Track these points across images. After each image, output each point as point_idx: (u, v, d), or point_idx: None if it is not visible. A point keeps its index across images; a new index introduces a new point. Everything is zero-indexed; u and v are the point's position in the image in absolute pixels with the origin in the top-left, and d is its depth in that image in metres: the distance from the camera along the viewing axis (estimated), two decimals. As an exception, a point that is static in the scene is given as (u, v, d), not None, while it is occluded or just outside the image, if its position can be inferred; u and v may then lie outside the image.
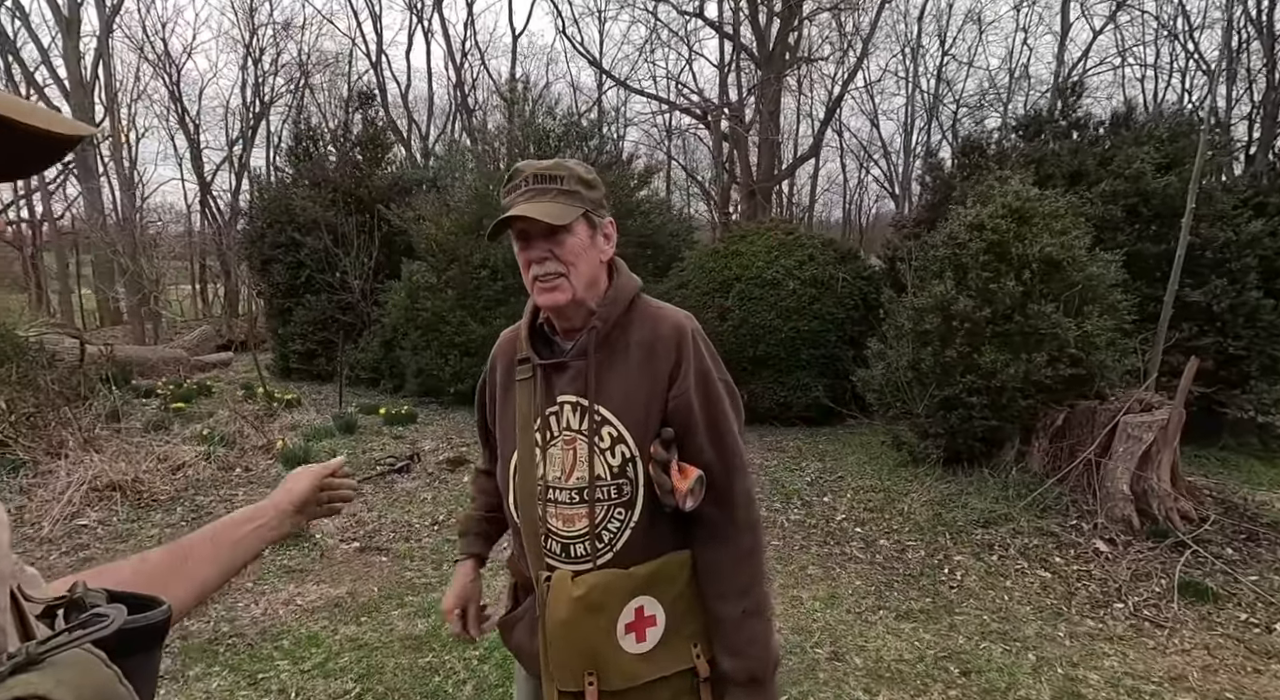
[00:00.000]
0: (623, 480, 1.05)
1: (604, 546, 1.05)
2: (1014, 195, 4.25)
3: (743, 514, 1.07)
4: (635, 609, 1.05)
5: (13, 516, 4.07)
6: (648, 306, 1.13)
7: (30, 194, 19.02)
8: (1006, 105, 17.36)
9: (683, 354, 1.07)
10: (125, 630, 0.45)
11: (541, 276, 1.04)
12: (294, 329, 9.49)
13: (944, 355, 4.33)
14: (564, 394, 1.08)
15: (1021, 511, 3.92)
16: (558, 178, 1.03)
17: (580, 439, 1.06)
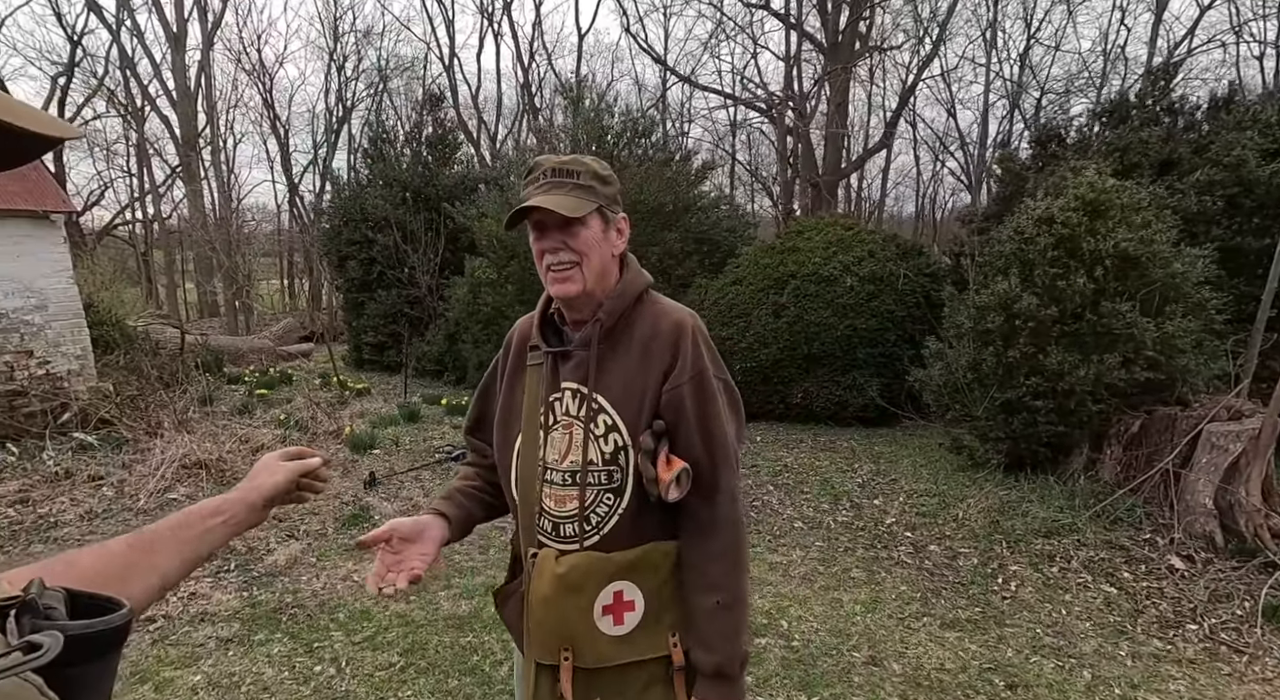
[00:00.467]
0: (614, 467, 1.08)
1: (591, 529, 1.09)
2: (1088, 187, 3.98)
3: (724, 510, 1.09)
4: (614, 593, 1.08)
5: (114, 489, 4.51)
6: (654, 303, 1.16)
7: (144, 196, 20.85)
8: (1100, 90, 16.18)
9: (680, 350, 1.10)
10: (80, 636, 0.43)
11: (555, 266, 1.08)
12: (366, 322, 10.02)
13: (1006, 356, 4.11)
14: (567, 381, 1.12)
15: (1088, 522, 3.69)
16: (575, 172, 1.07)
17: (577, 424, 1.10)
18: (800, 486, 4.72)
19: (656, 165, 8.22)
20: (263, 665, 2.63)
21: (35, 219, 5.64)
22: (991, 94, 16.99)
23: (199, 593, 3.24)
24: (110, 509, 4.24)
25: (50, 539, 3.82)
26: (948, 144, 21.11)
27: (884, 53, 16.95)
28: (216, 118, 19.64)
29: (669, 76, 18.20)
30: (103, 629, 0.45)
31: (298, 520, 4.12)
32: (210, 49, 18.20)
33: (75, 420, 5.57)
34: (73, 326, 6.01)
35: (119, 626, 0.46)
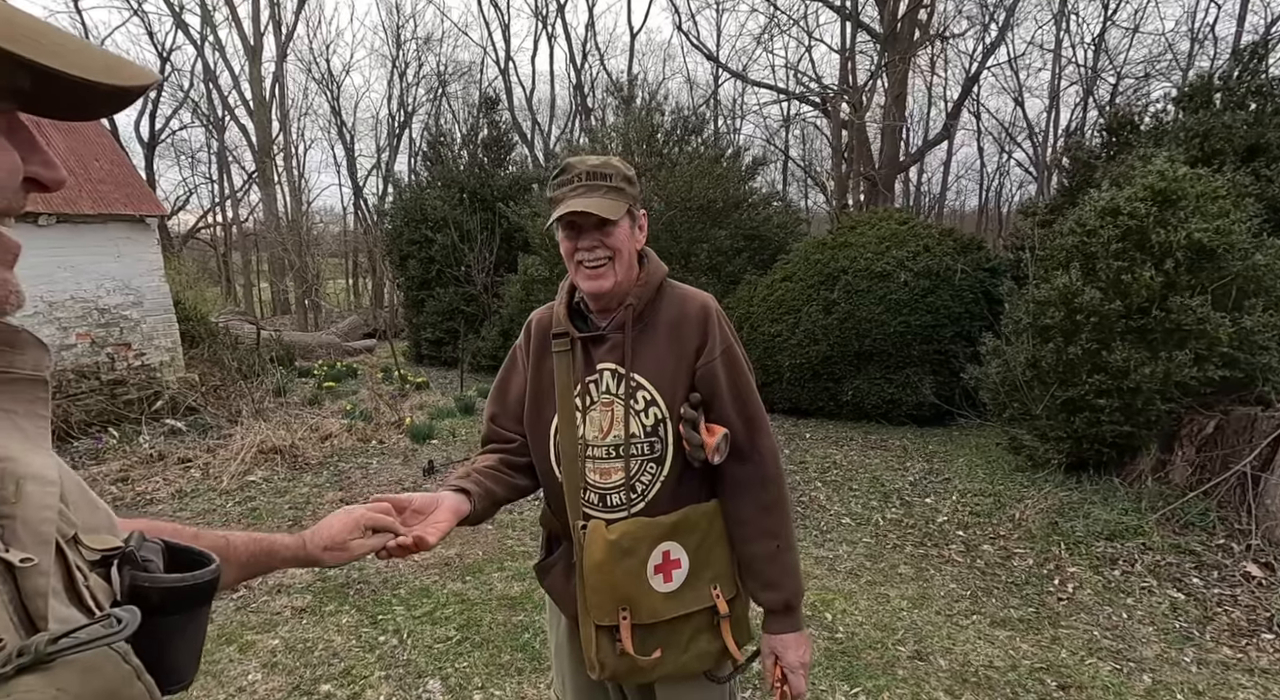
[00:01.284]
0: (654, 438, 1.19)
1: (637, 497, 1.20)
2: (1158, 176, 3.80)
3: (768, 468, 1.20)
4: (663, 553, 1.18)
5: (200, 471, 4.89)
6: (675, 289, 1.27)
7: (223, 201, 22.24)
8: (1185, 73, 15.16)
9: (708, 329, 1.21)
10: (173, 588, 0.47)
11: (590, 262, 1.17)
12: (426, 319, 10.42)
13: (1067, 352, 3.97)
14: (603, 363, 1.21)
15: (1156, 526, 3.53)
16: (607, 175, 1.16)
17: (618, 402, 1.20)
18: (849, 484, 4.68)
19: (706, 162, 8.23)
20: (333, 633, 2.83)
21: (133, 223, 6.16)
22: (1063, 81, 16.19)
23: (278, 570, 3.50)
24: (198, 489, 4.61)
25: (147, 513, 4.19)
26: (1014, 134, 20.21)
27: (945, 41, 16.38)
28: (289, 125, 20.74)
29: (721, 73, 18.12)
30: (194, 583, 0.48)
31: (362, 504, 4.37)
32: (283, 60, 19.22)
33: (167, 407, 6.06)
34: (164, 321, 6.52)
35: (208, 581, 0.49)
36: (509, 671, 2.55)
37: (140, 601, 0.45)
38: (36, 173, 0.41)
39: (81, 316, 5.83)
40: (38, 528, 0.39)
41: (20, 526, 0.38)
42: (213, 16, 18.39)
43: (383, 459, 5.32)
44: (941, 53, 17.69)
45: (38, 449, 0.42)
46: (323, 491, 4.59)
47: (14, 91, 0.39)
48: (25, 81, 0.39)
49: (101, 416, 5.63)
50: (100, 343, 5.96)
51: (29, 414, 0.43)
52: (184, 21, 18.20)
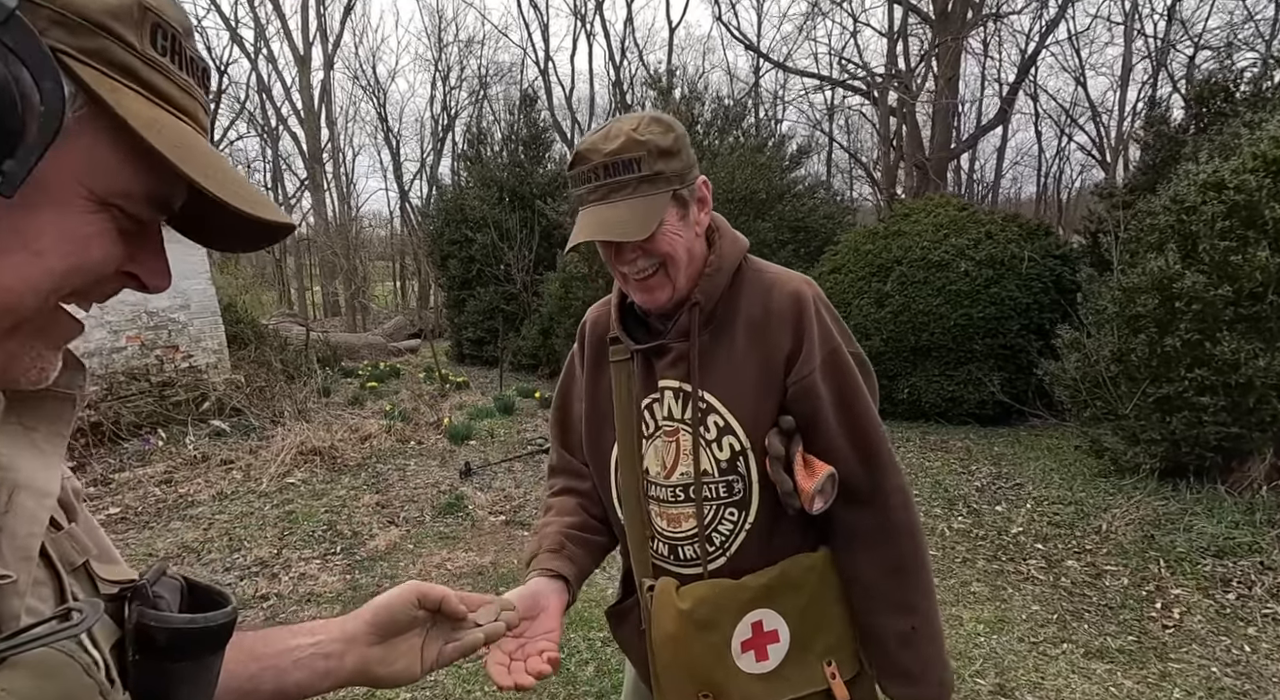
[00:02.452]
0: (732, 476, 0.91)
1: (715, 550, 0.94)
2: (1271, 142, 3.34)
3: (895, 515, 0.91)
4: (752, 624, 0.92)
5: (241, 472, 4.89)
6: (758, 273, 0.96)
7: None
8: (1270, 41, 13.94)
9: (804, 329, 0.90)
10: (182, 630, 0.42)
11: (637, 274, 0.90)
12: (467, 318, 10.42)
13: (1162, 344, 3.54)
14: (665, 379, 0.95)
15: (1275, 542, 3.09)
16: (633, 161, 0.84)
17: (683, 430, 0.93)
18: (909, 489, 4.33)
19: (748, 152, 7.93)
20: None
21: (179, 227, 6.25)
22: (1132, 55, 15.14)
23: (308, 573, 3.41)
24: (238, 491, 4.59)
25: (187, 516, 4.18)
26: (1075, 116, 19.09)
27: (1000, 20, 15.53)
28: (337, 132, 21.27)
29: (762, 64, 17.67)
30: (204, 626, 0.44)
31: (398, 507, 4.27)
32: (331, 69, 19.70)
33: (213, 408, 6.13)
34: (210, 323, 6.62)
35: (221, 625, 0.45)
36: (541, 696, 2.35)
37: (145, 643, 0.42)
38: (140, 272, 0.41)
39: (131, 319, 5.94)
40: (23, 542, 0.36)
41: (5, 541, 0.36)
42: (265, 29, 19.00)
43: (420, 460, 5.23)
44: (996, 33, 16.82)
45: (47, 466, 0.40)
46: (359, 494, 4.51)
47: (164, 204, 0.40)
48: (179, 198, 0.41)
49: (151, 418, 5.73)
50: (149, 345, 6.07)
51: (50, 433, 0.41)
52: (239, 36, 18.85)
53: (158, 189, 0.38)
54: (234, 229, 0.41)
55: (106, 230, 0.37)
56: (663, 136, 0.86)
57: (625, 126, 0.86)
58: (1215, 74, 5.54)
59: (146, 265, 0.41)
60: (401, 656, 0.64)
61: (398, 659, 0.64)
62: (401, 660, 0.64)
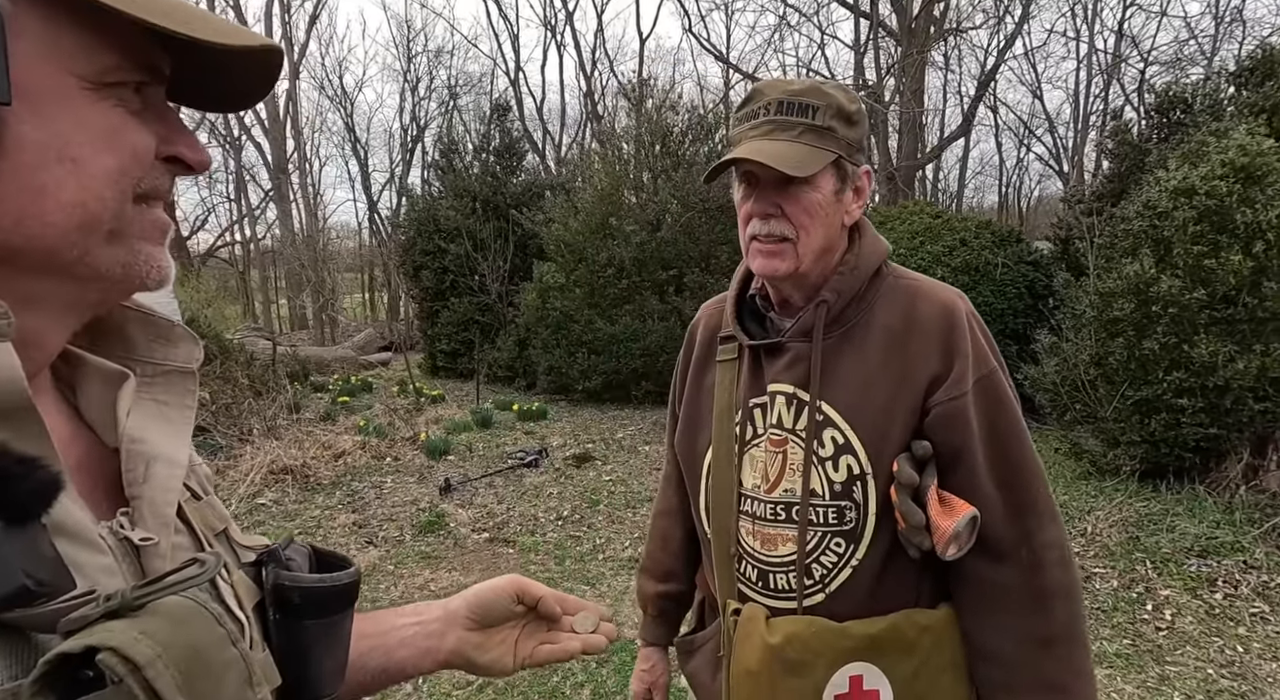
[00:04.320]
0: (845, 502, 0.81)
1: (814, 584, 0.83)
2: (1238, 150, 3.43)
3: (1052, 575, 0.78)
4: (851, 678, 0.81)
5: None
6: (900, 279, 0.88)
7: (241, 220, 22.40)
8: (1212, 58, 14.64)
9: (954, 345, 0.80)
10: (312, 588, 0.44)
11: (764, 236, 0.82)
12: (440, 330, 10.22)
13: (1140, 347, 3.60)
14: (777, 383, 0.85)
15: (1257, 541, 3.15)
16: (809, 107, 0.78)
17: (793, 441, 0.83)
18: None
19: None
20: (340, 679, 2.55)
21: (139, 238, 5.99)
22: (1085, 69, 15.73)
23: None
24: (203, 513, 4.37)
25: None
26: (1034, 127, 19.76)
27: (960, 35, 16.00)
28: (303, 143, 20.85)
29: (732, 75, 17.87)
30: (332, 584, 0.46)
31: (376, 526, 4.11)
32: (296, 78, 19.33)
33: (175, 428, 5.86)
34: (173, 339, 6.34)
35: (346, 584, 0.47)
36: (536, 724, 2.25)
37: (281, 602, 0.44)
38: (181, 153, 0.41)
39: (87, 335, 5.67)
40: (161, 510, 0.40)
41: (146, 507, 0.39)
42: (226, 36, 18.55)
43: (397, 477, 5.06)
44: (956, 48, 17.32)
45: (177, 436, 0.43)
46: (335, 514, 4.33)
47: (150, 68, 0.39)
48: (163, 61, 0.39)
49: (108, 438, 5.45)
50: (107, 362, 5.79)
51: (179, 406, 0.45)
52: (198, 42, 18.37)
53: (132, 51, 0.37)
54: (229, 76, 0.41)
55: (121, 114, 0.37)
56: (847, 101, 0.81)
57: (811, 80, 0.82)
58: (1173, 87, 5.74)
59: (182, 141, 0.40)
60: (496, 646, 0.63)
61: (493, 648, 0.63)
62: (496, 650, 0.63)
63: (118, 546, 0.37)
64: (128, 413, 0.41)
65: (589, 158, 11.05)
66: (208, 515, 0.45)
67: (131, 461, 0.40)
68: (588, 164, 11.15)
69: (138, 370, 0.43)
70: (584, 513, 4.23)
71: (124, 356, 0.44)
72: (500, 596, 0.64)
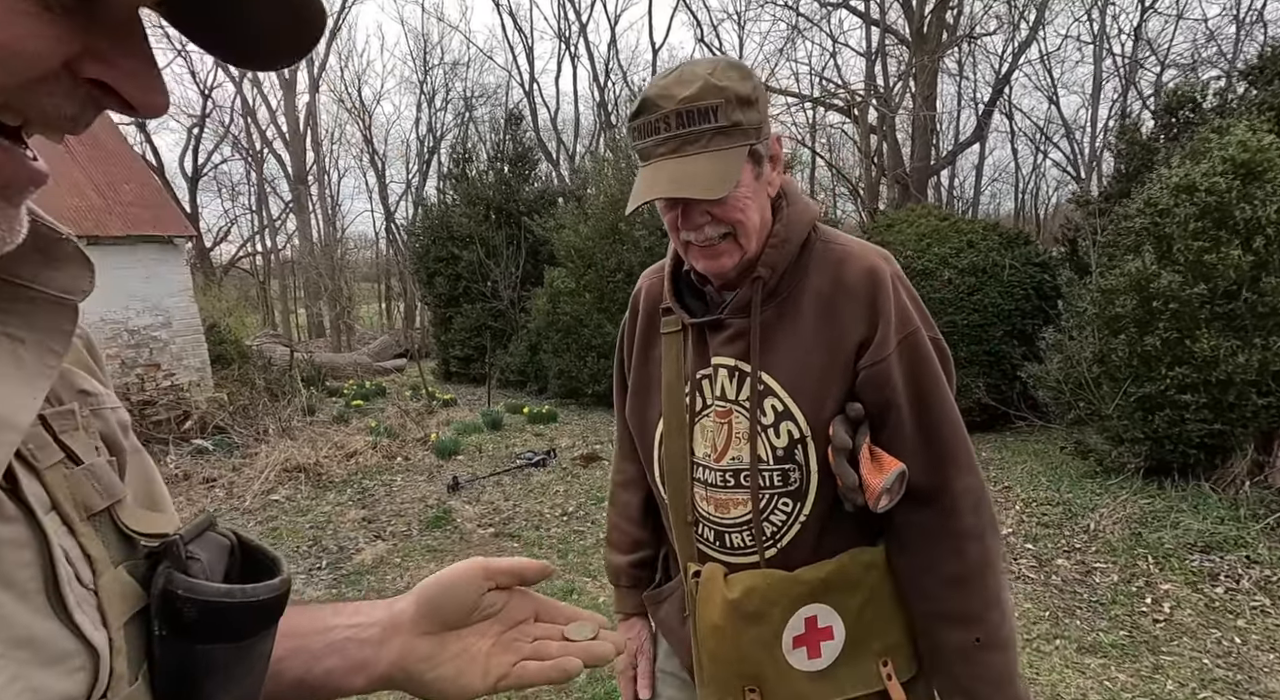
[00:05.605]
0: (789, 465, 0.85)
1: (767, 540, 0.88)
2: (1239, 146, 3.44)
3: (967, 520, 0.83)
4: (806, 619, 0.87)
5: (224, 490, 4.79)
6: (828, 245, 0.88)
7: (262, 230, 22.89)
8: (1233, 60, 14.46)
9: (880, 308, 0.82)
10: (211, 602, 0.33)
11: (701, 242, 0.83)
12: (453, 336, 10.37)
13: (1142, 344, 3.60)
14: (720, 356, 0.89)
15: (1260, 536, 3.12)
16: (709, 110, 0.75)
17: (738, 412, 0.87)
18: (899, 494, 4.34)
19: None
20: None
21: (162, 244, 6.21)
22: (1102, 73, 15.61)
23: (292, 588, 3.33)
24: (220, 508, 4.50)
25: (166, 535, 4.08)
26: (1050, 133, 19.60)
27: (974, 41, 15.99)
28: (323, 155, 21.30)
29: (744, 83, 17.97)
30: (244, 601, 0.34)
31: (385, 522, 4.20)
32: (316, 92, 19.79)
33: (196, 427, 6.02)
34: (193, 342, 6.54)
35: (266, 600, 0.35)
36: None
37: (171, 616, 0.33)
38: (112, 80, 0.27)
39: (111, 337, 5.86)
40: None
41: None
42: (249, 52, 19.04)
43: (407, 476, 5.16)
44: (970, 54, 17.29)
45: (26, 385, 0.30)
46: (345, 510, 4.43)
47: None
48: None
49: (131, 437, 5.62)
50: (130, 363, 5.98)
51: (39, 348, 0.31)
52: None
53: None
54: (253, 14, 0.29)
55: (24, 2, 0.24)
56: (742, 83, 0.78)
57: (700, 70, 0.77)
58: (1182, 86, 5.72)
59: (120, 67, 0.28)
60: (455, 658, 0.46)
61: (449, 661, 0.46)
62: (454, 662, 0.46)
63: None
64: None
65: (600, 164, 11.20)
66: (83, 488, 0.32)
67: None
68: (599, 170, 11.30)
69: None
70: (589, 509, 4.28)
71: None
72: (459, 583, 0.48)
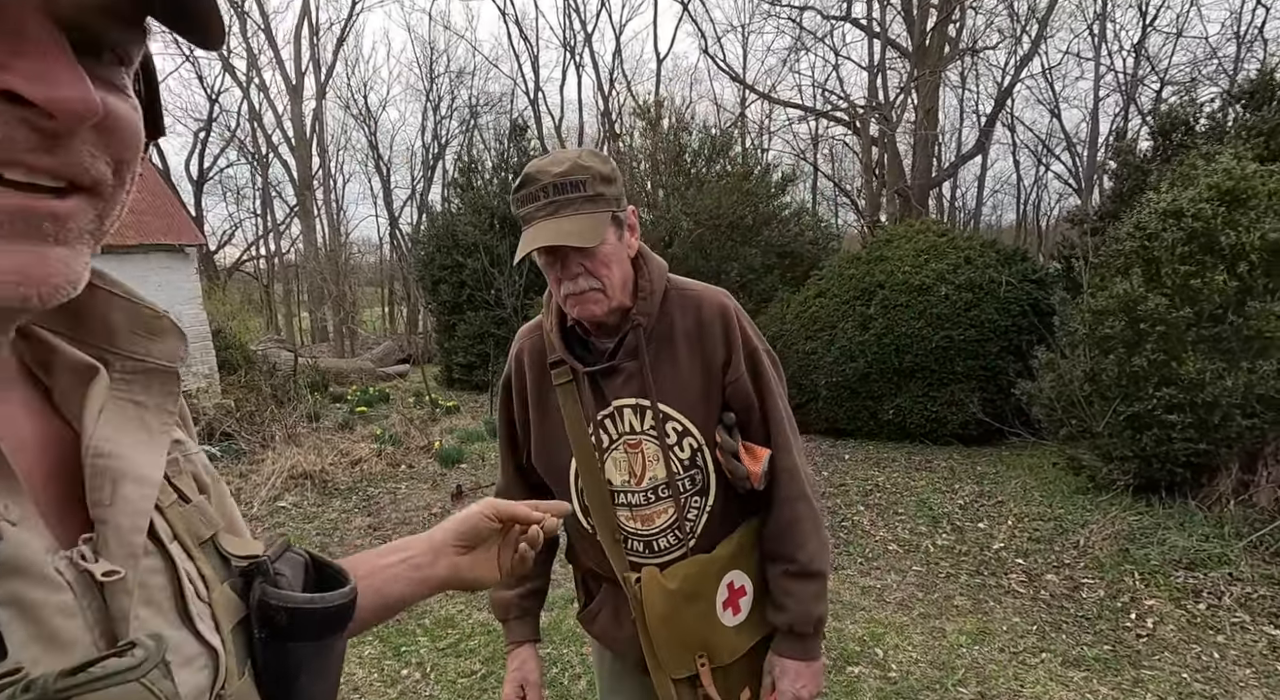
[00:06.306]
0: (694, 471, 1.07)
1: (688, 534, 1.09)
2: (1224, 174, 3.54)
3: (787, 488, 1.07)
4: (726, 585, 1.08)
5: (232, 496, 4.89)
6: (682, 291, 1.10)
7: (266, 234, 23.06)
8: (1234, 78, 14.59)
9: (732, 338, 1.06)
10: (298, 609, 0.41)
11: (576, 293, 1.00)
12: (457, 343, 10.48)
13: (1131, 364, 3.69)
14: (620, 398, 1.06)
15: (1243, 554, 3.20)
16: (579, 182, 0.96)
17: (647, 440, 1.06)
18: (894, 507, 4.42)
19: (735, 179, 8.15)
20: (354, 666, 2.71)
21: (173, 252, 6.32)
22: (1102, 89, 15.77)
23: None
24: (228, 514, 4.59)
25: (177, 540, 4.17)
26: (1052, 146, 19.74)
27: (976, 55, 16.14)
28: (328, 160, 21.48)
29: (747, 94, 18.16)
30: (322, 607, 0.43)
31: (390, 529, 4.29)
32: (323, 98, 19.98)
33: (203, 433, 6.12)
34: (201, 348, 6.65)
35: (338, 606, 0.43)
36: (535, 711, 2.39)
37: (267, 622, 0.41)
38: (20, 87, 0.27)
39: (123, 344, 5.97)
40: (129, 538, 0.35)
41: (111, 534, 0.34)
42: (258, 59, 19.28)
43: (411, 484, 5.25)
44: (973, 67, 17.45)
45: (153, 447, 0.38)
46: (351, 517, 4.53)
47: None
48: None
49: (140, 442, 5.70)
50: (141, 370, 6.08)
51: (158, 409, 0.39)
52: (231, 65, 19.11)
53: None
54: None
55: None
56: (602, 165, 0.99)
57: (569, 155, 0.98)
58: (1177, 108, 5.82)
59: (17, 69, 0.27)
60: (482, 564, 0.69)
61: (479, 566, 0.69)
62: (482, 567, 0.69)
63: (78, 581, 0.32)
64: (99, 414, 0.36)
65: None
66: (193, 522, 0.40)
67: (97, 479, 0.35)
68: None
69: (115, 365, 0.38)
70: (589, 519, 4.37)
71: (105, 348, 0.39)
72: (479, 518, 0.69)
